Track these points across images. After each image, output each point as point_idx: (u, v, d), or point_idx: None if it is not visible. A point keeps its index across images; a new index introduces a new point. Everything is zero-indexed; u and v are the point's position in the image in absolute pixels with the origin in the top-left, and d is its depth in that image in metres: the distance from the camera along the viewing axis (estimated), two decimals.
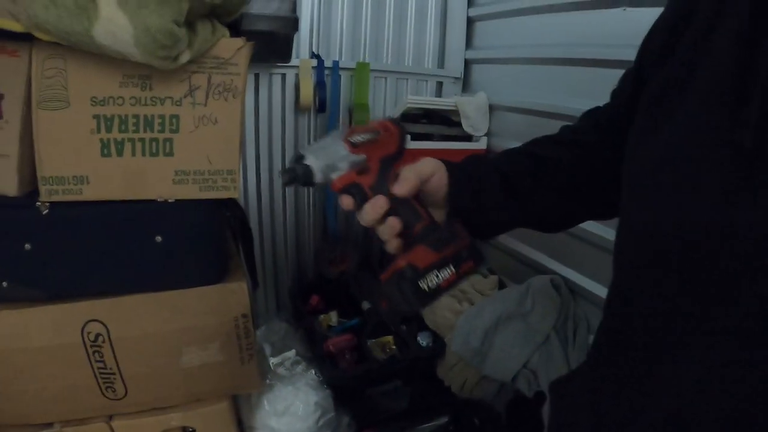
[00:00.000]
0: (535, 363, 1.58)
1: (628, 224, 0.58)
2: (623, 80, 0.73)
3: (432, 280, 0.63)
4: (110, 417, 1.33)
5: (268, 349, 1.63)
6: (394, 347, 1.72)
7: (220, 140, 1.13)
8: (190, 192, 1.14)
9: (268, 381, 1.57)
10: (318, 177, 0.66)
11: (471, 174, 0.73)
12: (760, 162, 0.43)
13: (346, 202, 0.67)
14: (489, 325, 1.65)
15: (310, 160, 0.66)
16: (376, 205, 0.65)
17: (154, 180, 1.12)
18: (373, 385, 1.68)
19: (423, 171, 0.69)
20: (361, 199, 0.67)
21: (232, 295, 1.26)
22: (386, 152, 0.71)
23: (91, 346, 1.19)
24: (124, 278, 1.17)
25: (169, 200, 1.13)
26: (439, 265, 0.64)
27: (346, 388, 1.61)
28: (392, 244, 0.67)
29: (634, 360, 0.56)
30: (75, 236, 1.11)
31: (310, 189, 2.18)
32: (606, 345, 0.64)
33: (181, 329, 1.25)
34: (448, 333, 1.75)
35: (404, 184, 0.66)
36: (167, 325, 1.23)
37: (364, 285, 2.03)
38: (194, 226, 1.18)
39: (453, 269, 0.65)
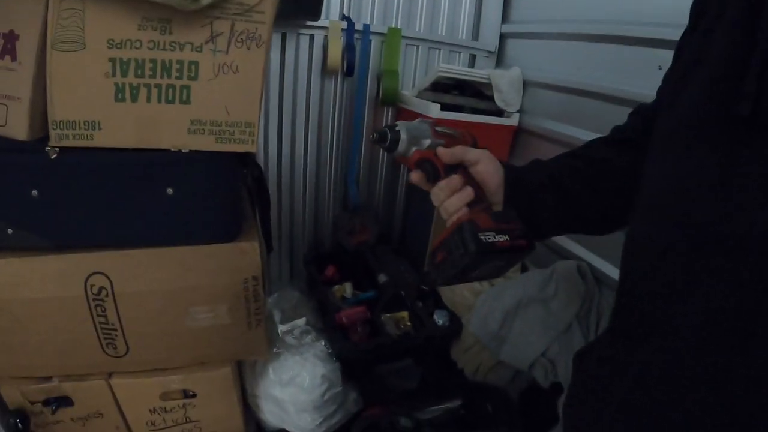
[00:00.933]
0: (554, 352, 1.51)
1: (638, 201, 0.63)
2: (666, 79, 0.74)
3: (489, 237, 0.68)
4: (110, 375, 1.31)
5: (277, 316, 1.58)
6: (408, 324, 1.66)
7: (240, 90, 1.06)
8: (206, 143, 1.07)
9: (275, 349, 1.52)
10: (402, 146, 0.77)
11: (526, 180, 0.79)
12: (756, 132, 0.47)
13: (416, 176, 0.77)
14: (509, 308, 1.58)
15: (402, 130, 0.76)
16: (453, 180, 0.74)
17: (169, 129, 1.05)
18: (383, 361, 1.63)
19: (470, 152, 0.76)
20: (434, 175, 0.76)
21: (244, 256, 1.20)
22: None
23: (94, 300, 1.14)
24: (131, 230, 1.12)
25: (183, 151, 1.07)
26: (497, 231, 0.70)
27: (356, 362, 1.55)
28: (461, 212, 0.73)
29: (635, 332, 0.61)
30: (83, 184, 1.06)
31: (333, 157, 2.13)
32: (617, 316, 0.69)
33: (188, 288, 1.20)
34: (466, 313, 1.69)
35: (449, 152, 0.75)
36: (174, 282, 1.19)
37: (383, 258, 1.97)
38: (208, 180, 1.12)
39: (508, 238, 0.70)
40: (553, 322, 1.55)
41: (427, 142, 0.77)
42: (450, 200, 0.73)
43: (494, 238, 0.69)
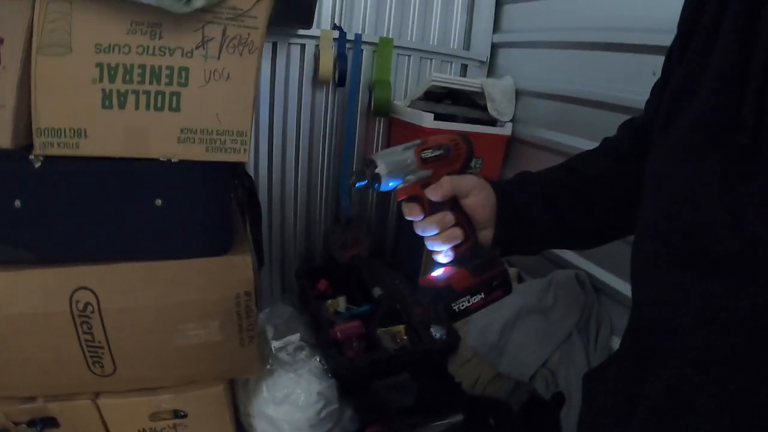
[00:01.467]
0: (555, 362, 1.48)
1: (641, 220, 0.61)
2: (654, 92, 0.74)
3: (463, 303, 0.70)
4: (97, 394, 1.25)
5: (270, 332, 1.54)
6: (405, 337, 1.62)
7: (231, 98, 1.03)
8: (196, 152, 1.03)
9: (268, 366, 1.47)
10: (385, 182, 0.69)
11: (518, 204, 0.75)
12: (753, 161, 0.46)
13: (410, 210, 0.71)
14: (507, 319, 1.55)
15: (380, 168, 0.69)
16: (445, 220, 0.70)
17: (158, 137, 1.01)
18: (380, 377, 1.59)
19: (460, 185, 0.72)
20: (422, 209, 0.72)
21: (235, 270, 1.16)
22: (451, 168, 0.74)
23: (80, 316, 1.10)
24: (118, 243, 1.08)
25: (173, 160, 1.03)
26: (473, 291, 0.71)
27: (352, 378, 1.51)
28: (444, 255, 0.72)
29: (650, 359, 0.58)
30: (69, 194, 1.02)
31: (325, 168, 2.10)
32: (629, 331, 0.66)
33: (178, 304, 1.16)
34: (463, 326, 1.66)
35: (438, 189, 0.70)
36: (162, 298, 1.14)
37: (376, 271, 1.94)
38: (198, 191, 1.09)
39: (483, 296, 0.72)
40: (552, 332, 1.52)
41: (411, 176, 0.70)
42: (437, 239, 0.70)
43: (468, 302, 0.70)
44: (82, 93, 0.98)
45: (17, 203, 1.00)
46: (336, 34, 1.85)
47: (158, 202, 1.05)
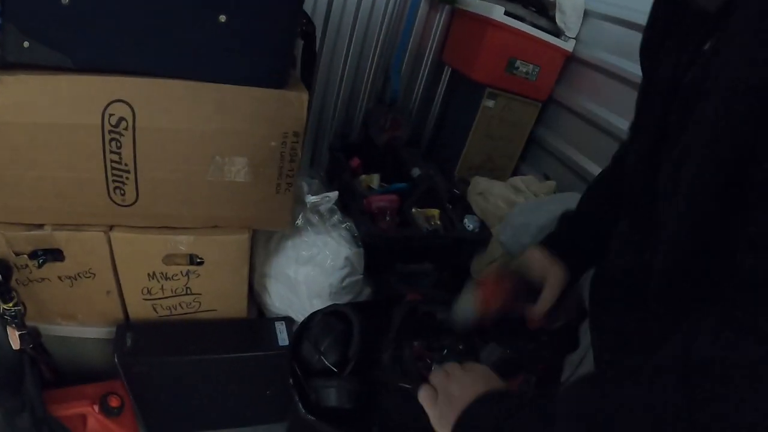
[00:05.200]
0: (584, 277, 1.45)
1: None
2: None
3: None
4: (111, 227, 1.19)
5: (305, 187, 1.48)
6: (438, 222, 1.58)
7: None
8: None
9: (298, 223, 1.42)
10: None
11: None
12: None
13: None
14: (544, 224, 1.50)
15: None
16: None
17: None
18: (406, 258, 1.55)
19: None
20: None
21: (289, 107, 1.09)
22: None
23: (110, 132, 1.02)
24: (171, 59, 0.99)
25: None
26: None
27: (380, 251, 1.47)
28: None
29: None
30: None
31: (379, 46, 2.00)
32: None
33: (221, 132, 1.09)
34: (496, 223, 1.62)
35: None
36: (206, 122, 1.07)
37: (414, 156, 1.88)
38: (267, 12, 1.00)
39: None
40: None
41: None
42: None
43: None
44: None
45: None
46: None
47: (222, 18, 0.97)
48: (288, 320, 1.48)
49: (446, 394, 0.65)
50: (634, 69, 1.61)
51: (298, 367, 0.99)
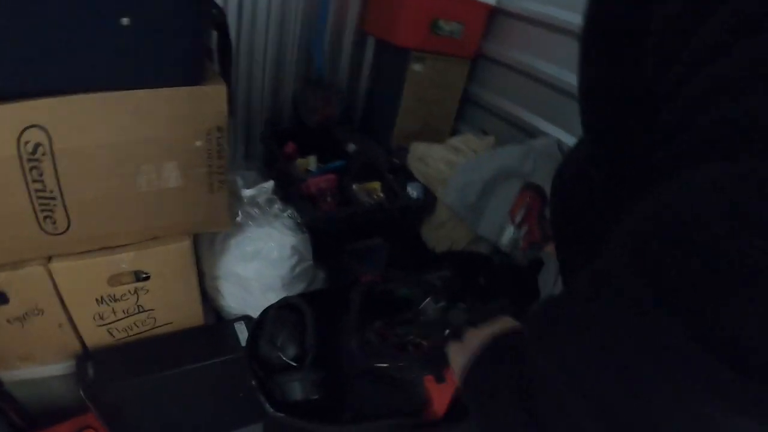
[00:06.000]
0: None
1: None
2: None
3: None
4: (49, 258, 1.14)
5: (240, 182, 1.43)
6: (381, 194, 1.55)
7: None
8: None
9: (238, 219, 1.37)
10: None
11: None
12: None
13: None
14: (488, 179, 1.50)
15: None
16: None
17: None
18: (352, 238, 1.52)
19: None
20: None
21: (208, 101, 1.04)
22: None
23: (29, 161, 0.96)
24: (75, 71, 0.92)
25: None
26: None
27: (327, 234, 1.43)
28: None
29: None
30: (19, 8, 0.84)
31: (299, 23, 1.93)
32: None
33: (141, 140, 1.03)
34: (440, 187, 1.60)
35: None
36: (124, 134, 1.01)
37: (349, 133, 1.84)
38: (172, 7, 0.94)
39: None
40: None
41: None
42: None
43: None
44: None
45: None
46: None
47: (124, 20, 0.89)
48: (247, 319, 1.44)
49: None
50: (560, 15, 1.62)
51: (259, 366, 0.97)
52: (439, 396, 0.90)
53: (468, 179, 1.51)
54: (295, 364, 0.96)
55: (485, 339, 0.61)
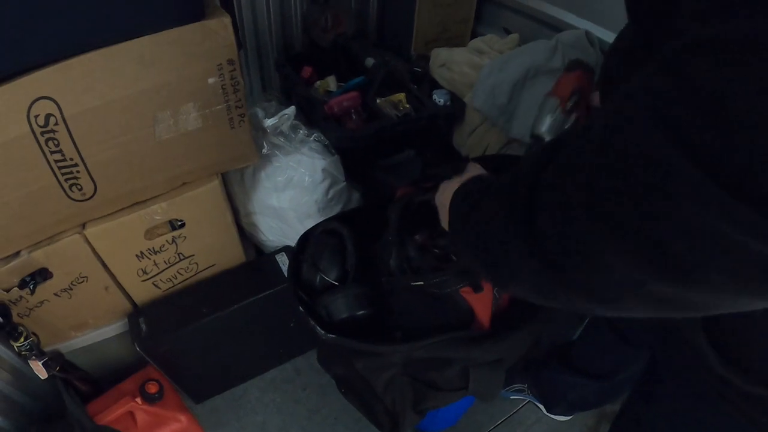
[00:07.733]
0: None
1: None
2: None
3: None
4: (83, 225, 1.14)
5: (260, 113, 1.39)
6: (407, 105, 1.50)
7: None
8: None
9: (264, 151, 1.35)
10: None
11: None
12: None
13: None
14: (516, 79, 1.43)
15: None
16: None
17: None
18: (383, 154, 1.48)
19: None
20: None
21: (214, 36, 0.99)
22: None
23: (43, 134, 0.94)
24: (69, 32, 0.87)
25: None
26: None
27: (356, 152, 1.40)
28: None
29: None
30: None
31: None
32: None
33: (153, 88, 1.00)
34: (468, 92, 1.54)
35: None
36: (134, 85, 0.97)
37: (365, 48, 1.76)
38: None
39: None
40: None
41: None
42: None
43: None
44: None
45: None
46: None
47: None
48: (287, 249, 1.46)
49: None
50: None
51: (303, 291, 0.97)
52: (481, 307, 0.89)
53: (496, 80, 1.44)
54: (338, 285, 0.96)
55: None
